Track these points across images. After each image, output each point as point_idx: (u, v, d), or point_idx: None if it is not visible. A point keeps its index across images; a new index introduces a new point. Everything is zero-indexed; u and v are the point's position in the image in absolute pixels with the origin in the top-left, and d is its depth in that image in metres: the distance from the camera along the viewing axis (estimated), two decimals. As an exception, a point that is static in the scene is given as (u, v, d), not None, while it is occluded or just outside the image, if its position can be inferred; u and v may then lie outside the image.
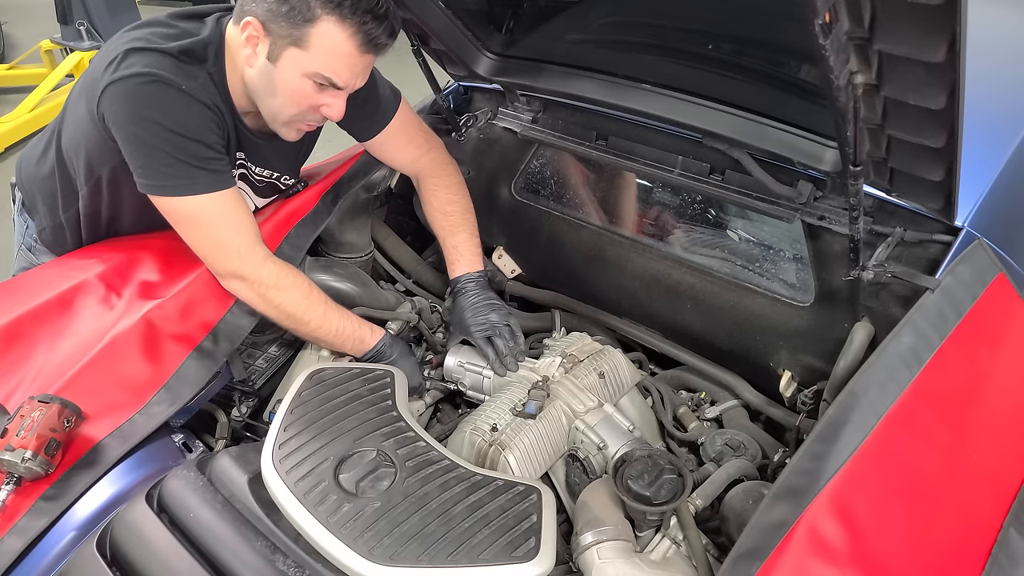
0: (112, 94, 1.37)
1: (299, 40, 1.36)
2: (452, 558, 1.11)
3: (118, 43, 1.44)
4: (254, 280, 1.48)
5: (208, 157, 1.42)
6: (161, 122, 1.37)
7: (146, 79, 1.35)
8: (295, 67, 1.39)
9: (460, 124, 2.07)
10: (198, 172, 1.41)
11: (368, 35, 1.37)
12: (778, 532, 1.03)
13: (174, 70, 1.38)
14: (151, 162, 1.40)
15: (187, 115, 1.39)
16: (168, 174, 1.40)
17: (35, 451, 1.22)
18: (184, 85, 1.38)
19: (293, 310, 1.53)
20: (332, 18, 1.34)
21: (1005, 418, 1.33)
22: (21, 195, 1.80)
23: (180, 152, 1.39)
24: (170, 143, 1.38)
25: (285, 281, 1.51)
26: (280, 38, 1.37)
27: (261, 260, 1.49)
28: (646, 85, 1.63)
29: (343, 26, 1.35)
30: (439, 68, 1.97)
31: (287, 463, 1.24)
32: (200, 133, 1.41)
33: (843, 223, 1.49)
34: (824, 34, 0.92)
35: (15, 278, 1.70)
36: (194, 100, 1.39)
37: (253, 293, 1.50)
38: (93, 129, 1.45)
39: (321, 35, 1.35)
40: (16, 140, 4.51)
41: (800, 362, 1.65)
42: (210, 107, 1.42)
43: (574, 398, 1.52)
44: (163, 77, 1.36)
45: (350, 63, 1.40)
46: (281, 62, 1.39)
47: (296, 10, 1.33)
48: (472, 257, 1.81)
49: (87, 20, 4.75)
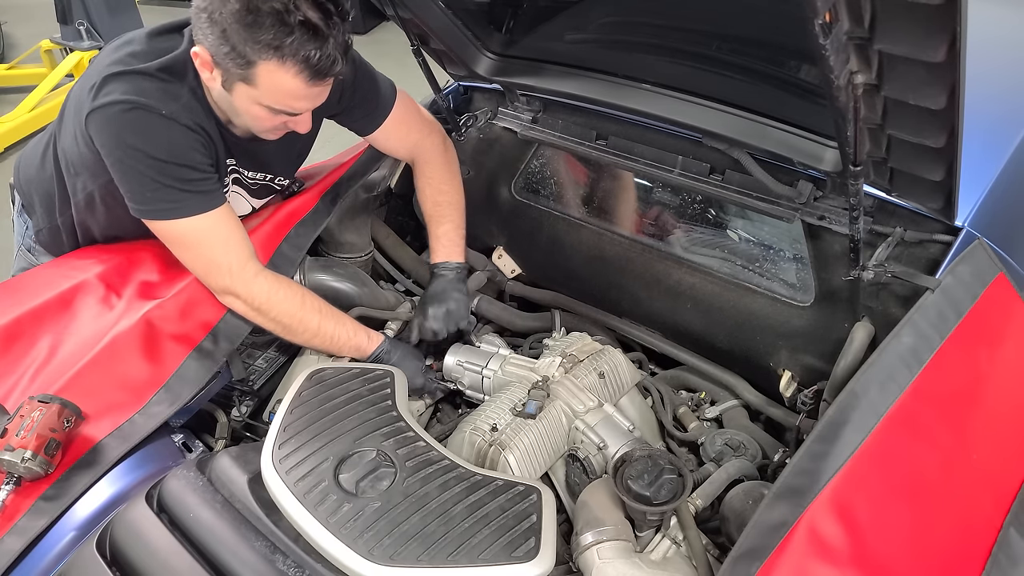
0: (95, 121, 1.37)
1: (246, 79, 1.32)
2: (452, 558, 1.11)
3: (101, 63, 1.43)
4: (246, 296, 1.49)
5: (194, 179, 1.42)
6: (144, 149, 1.36)
7: (126, 106, 1.35)
8: (248, 99, 1.37)
9: (460, 124, 2.07)
10: (184, 195, 1.42)
11: (314, 68, 1.30)
12: (778, 532, 1.04)
13: (155, 94, 1.37)
14: (138, 188, 1.40)
15: (170, 140, 1.38)
16: (155, 199, 1.41)
17: (35, 451, 1.22)
18: (165, 110, 1.37)
19: (287, 321, 1.54)
20: (272, 62, 1.28)
21: (1005, 418, 1.33)
22: (19, 194, 1.80)
23: (165, 177, 1.39)
24: (155, 169, 1.38)
25: (277, 295, 1.51)
26: (228, 72, 1.33)
27: (252, 275, 1.50)
28: (646, 85, 1.63)
29: (285, 66, 1.29)
30: (439, 68, 1.97)
31: (287, 463, 1.24)
32: (184, 156, 1.40)
33: (843, 223, 1.49)
34: (824, 34, 0.92)
35: (15, 278, 1.70)
36: (176, 124, 1.38)
37: (247, 307, 1.51)
38: (84, 146, 1.46)
39: (266, 74, 1.31)
40: (16, 140, 4.50)
41: (800, 362, 1.65)
42: (193, 128, 1.41)
43: (574, 398, 1.52)
44: (143, 104, 1.35)
45: (302, 95, 1.36)
46: (235, 93, 1.37)
47: (237, 52, 1.28)
48: (451, 247, 1.81)
49: (87, 20, 4.74)
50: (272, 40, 1.25)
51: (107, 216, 1.62)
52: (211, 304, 1.53)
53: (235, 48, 1.28)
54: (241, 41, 1.27)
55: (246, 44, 1.27)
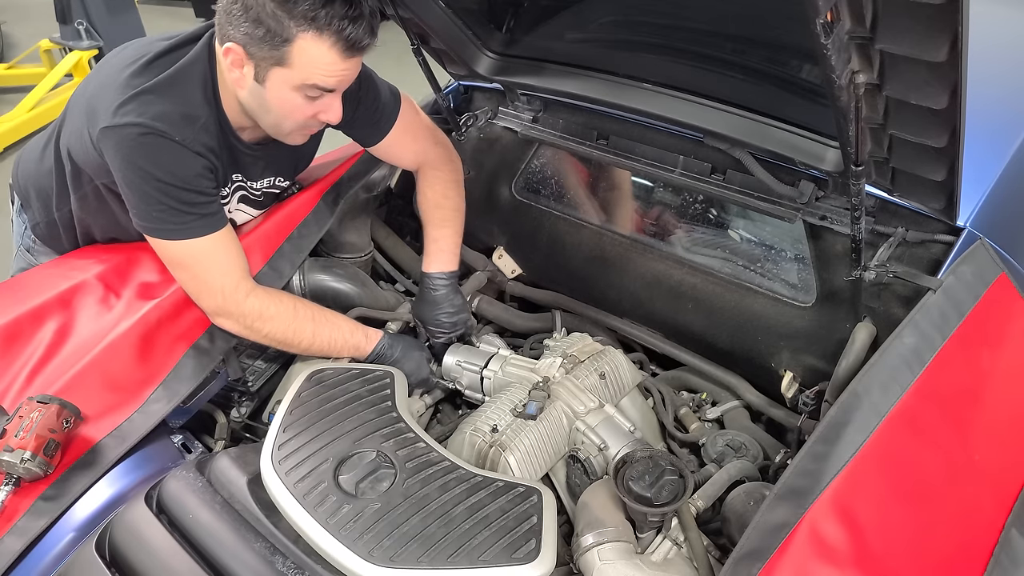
0: (110, 139, 1.39)
1: (281, 60, 1.35)
2: (452, 560, 1.10)
3: (122, 72, 1.43)
4: (238, 315, 1.50)
5: (199, 203, 1.44)
6: (154, 173, 1.38)
7: (142, 130, 1.36)
8: (283, 84, 1.39)
9: (460, 124, 2.06)
10: (188, 218, 1.43)
11: (348, 40, 1.35)
12: (780, 533, 1.03)
13: (169, 118, 1.39)
14: (144, 206, 1.42)
15: (181, 167, 1.40)
16: (159, 218, 1.42)
17: (34, 452, 1.22)
18: (178, 136, 1.39)
19: (281, 336, 1.54)
20: (309, 33, 1.32)
21: (1007, 418, 1.32)
22: (16, 191, 1.80)
23: (171, 199, 1.41)
24: (162, 191, 1.40)
25: (269, 311, 1.52)
26: (263, 60, 1.36)
27: (244, 296, 1.50)
28: (647, 84, 1.62)
29: (322, 38, 1.33)
30: (439, 67, 1.97)
31: (286, 464, 1.24)
32: (192, 182, 1.42)
33: (845, 223, 1.48)
34: (826, 33, 0.92)
35: (14, 278, 1.71)
36: (188, 151, 1.40)
37: (240, 327, 1.51)
38: (93, 152, 1.46)
39: (302, 51, 1.34)
40: (15, 140, 4.50)
41: (802, 363, 1.65)
42: (203, 154, 1.43)
43: (575, 399, 1.52)
44: (157, 129, 1.37)
45: (336, 70, 1.39)
46: (268, 82, 1.39)
47: (272, 32, 1.32)
48: (449, 255, 1.81)
49: (86, 20, 4.73)
50: (308, 11, 1.30)
51: (107, 212, 1.62)
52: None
53: (270, 29, 1.31)
54: (276, 20, 1.31)
55: (282, 20, 1.31)
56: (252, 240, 1.63)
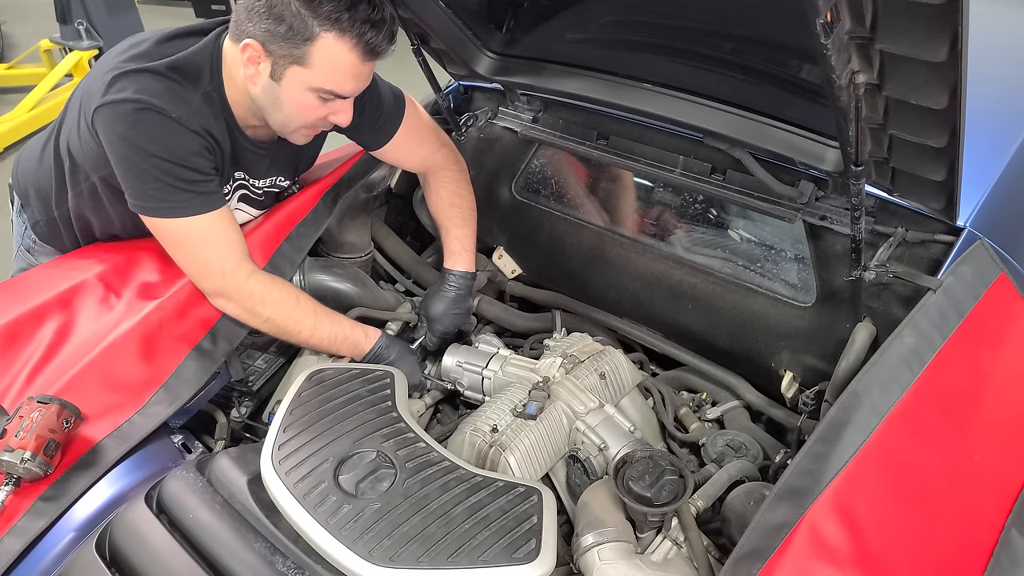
0: (104, 116, 1.38)
1: (300, 58, 1.36)
2: (452, 560, 1.10)
3: (116, 58, 1.44)
4: (239, 297, 1.49)
5: (196, 180, 1.43)
6: (150, 149, 1.37)
7: (137, 106, 1.36)
8: (299, 84, 1.40)
9: (460, 124, 2.06)
10: (186, 195, 1.42)
11: (368, 44, 1.36)
12: (780, 533, 1.03)
13: (166, 96, 1.38)
14: (139, 184, 1.41)
15: (177, 143, 1.40)
16: (156, 196, 1.42)
17: (34, 452, 1.22)
18: (174, 113, 1.38)
19: (282, 322, 1.54)
20: (331, 34, 1.33)
21: (1007, 418, 1.32)
22: (16, 191, 1.80)
23: (168, 176, 1.40)
24: (158, 167, 1.39)
25: (271, 296, 1.51)
26: (281, 57, 1.37)
27: (245, 277, 1.50)
28: (647, 84, 1.62)
29: (343, 40, 1.34)
30: (439, 67, 1.97)
31: (287, 464, 1.24)
32: (189, 159, 1.41)
33: (845, 223, 1.48)
34: (826, 33, 0.92)
35: (14, 278, 1.70)
36: (184, 128, 1.40)
37: (240, 309, 1.51)
38: (89, 138, 1.46)
39: (322, 51, 1.35)
40: (15, 140, 4.50)
41: (802, 363, 1.64)
42: (200, 134, 1.42)
43: (575, 399, 1.52)
44: (154, 105, 1.36)
45: (353, 74, 1.40)
46: (284, 80, 1.39)
47: (294, 30, 1.33)
48: (470, 255, 1.83)
49: (86, 19, 4.74)
50: (333, 12, 1.31)
51: (105, 209, 1.62)
52: (210, 304, 1.53)
53: (292, 27, 1.32)
54: (300, 19, 1.32)
55: (306, 19, 1.32)
56: (252, 240, 1.63)
